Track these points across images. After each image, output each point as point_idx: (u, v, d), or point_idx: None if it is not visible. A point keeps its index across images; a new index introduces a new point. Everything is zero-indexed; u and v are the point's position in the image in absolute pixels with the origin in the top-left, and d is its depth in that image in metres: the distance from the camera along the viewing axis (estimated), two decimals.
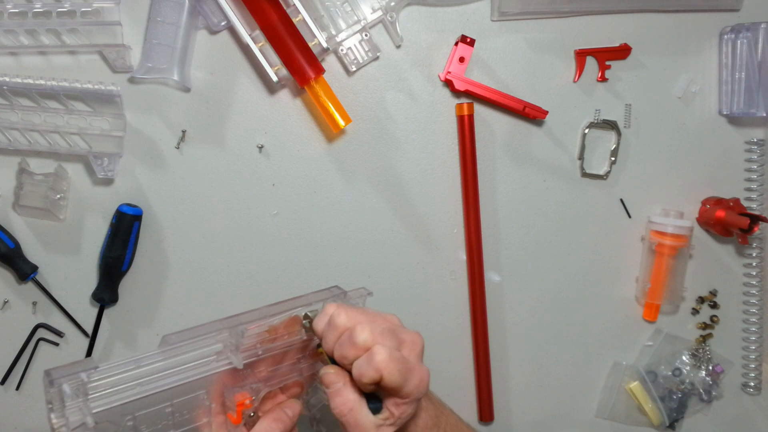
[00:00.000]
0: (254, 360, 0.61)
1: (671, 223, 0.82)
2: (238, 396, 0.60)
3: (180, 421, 0.60)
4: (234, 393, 0.60)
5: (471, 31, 0.80)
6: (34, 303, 0.80)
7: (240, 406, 0.60)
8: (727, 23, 0.83)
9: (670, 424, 0.87)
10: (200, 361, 0.59)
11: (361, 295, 0.66)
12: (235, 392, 0.60)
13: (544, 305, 0.85)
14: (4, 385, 0.81)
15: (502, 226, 0.84)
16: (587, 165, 0.84)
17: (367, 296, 0.66)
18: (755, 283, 0.86)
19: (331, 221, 0.82)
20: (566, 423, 0.88)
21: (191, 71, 0.78)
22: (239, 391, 0.60)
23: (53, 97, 0.75)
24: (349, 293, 0.66)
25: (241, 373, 0.61)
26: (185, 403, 0.60)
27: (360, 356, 0.55)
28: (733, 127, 0.85)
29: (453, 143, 0.82)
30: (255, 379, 0.62)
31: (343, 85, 0.80)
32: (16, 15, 0.73)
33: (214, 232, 0.80)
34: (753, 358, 0.87)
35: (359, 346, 0.55)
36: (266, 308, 0.62)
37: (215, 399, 0.61)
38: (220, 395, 0.61)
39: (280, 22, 0.74)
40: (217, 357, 0.60)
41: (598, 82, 0.83)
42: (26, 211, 0.78)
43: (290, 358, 0.64)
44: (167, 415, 0.59)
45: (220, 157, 0.80)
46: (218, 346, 0.60)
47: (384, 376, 0.54)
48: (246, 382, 0.62)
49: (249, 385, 0.61)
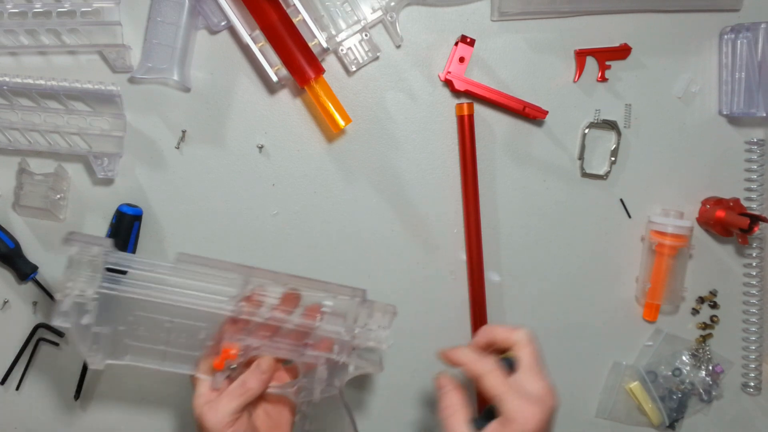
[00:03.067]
0: (259, 322, 0.64)
1: (671, 223, 0.82)
2: (226, 344, 0.63)
3: (175, 341, 0.64)
4: (229, 341, 0.63)
5: (471, 31, 0.80)
6: (34, 303, 0.80)
7: (224, 353, 0.63)
8: (727, 23, 0.83)
9: (670, 424, 0.87)
10: (210, 295, 0.63)
11: (387, 311, 0.67)
12: (232, 340, 0.63)
13: (544, 305, 0.85)
14: (4, 385, 0.81)
15: (502, 226, 0.84)
16: (587, 165, 0.84)
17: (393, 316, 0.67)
18: (755, 283, 0.86)
19: (331, 221, 0.82)
20: (566, 423, 0.87)
21: (191, 71, 0.78)
22: (232, 342, 0.63)
23: (53, 97, 0.75)
24: (375, 304, 0.67)
25: (247, 328, 0.64)
26: (184, 326, 0.63)
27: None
28: (733, 127, 0.85)
29: (453, 143, 0.82)
30: (257, 338, 0.64)
31: (343, 85, 0.80)
32: (16, 15, 0.73)
33: (214, 232, 0.80)
34: (753, 358, 0.87)
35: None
36: (286, 276, 0.65)
37: (214, 338, 0.64)
38: (220, 337, 0.64)
39: (280, 22, 0.74)
40: (228, 300, 0.63)
41: (598, 82, 0.83)
42: (26, 211, 0.78)
43: (294, 339, 0.66)
44: (165, 330, 0.63)
45: (220, 157, 0.80)
46: (232, 290, 0.63)
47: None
48: (248, 337, 0.64)
49: (248, 341, 0.64)
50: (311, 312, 0.65)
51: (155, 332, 0.63)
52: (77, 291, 0.60)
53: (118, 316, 0.62)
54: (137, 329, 0.63)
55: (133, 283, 0.62)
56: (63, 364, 0.81)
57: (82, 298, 0.60)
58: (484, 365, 0.59)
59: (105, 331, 0.62)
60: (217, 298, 0.63)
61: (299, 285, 0.65)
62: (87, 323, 0.60)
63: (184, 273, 0.63)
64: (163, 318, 0.63)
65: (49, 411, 0.82)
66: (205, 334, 0.64)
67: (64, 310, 0.59)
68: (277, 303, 0.64)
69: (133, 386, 0.83)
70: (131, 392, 0.83)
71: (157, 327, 0.63)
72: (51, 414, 0.82)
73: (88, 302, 0.60)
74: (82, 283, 0.60)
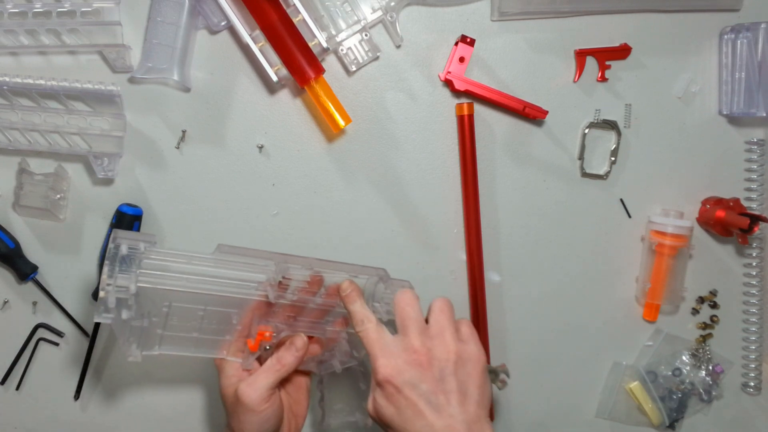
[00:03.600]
0: (287, 303, 0.67)
1: (671, 223, 0.82)
2: (261, 327, 0.66)
3: (207, 328, 0.66)
4: (260, 324, 0.66)
5: (471, 31, 0.80)
6: (34, 303, 0.80)
7: (260, 336, 0.66)
8: (727, 23, 0.83)
9: (670, 424, 0.87)
10: (244, 282, 0.65)
11: (402, 286, 0.71)
12: (261, 323, 0.66)
13: (544, 305, 0.85)
14: (4, 385, 0.81)
15: (502, 226, 0.84)
16: (587, 165, 0.84)
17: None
18: (755, 283, 0.86)
19: (331, 221, 0.82)
20: (566, 423, 0.88)
21: (191, 71, 0.78)
22: (265, 324, 0.66)
23: (53, 97, 0.75)
24: (393, 281, 0.71)
25: (273, 310, 0.67)
26: (217, 314, 0.65)
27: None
28: (733, 127, 0.85)
29: (453, 143, 0.82)
30: (282, 319, 0.67)
31: (343, 85, 0.80)
32: (16, 15, 0.73)
33: (214, 232, 0.80)
34: (753, 358, 0.87)
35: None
36: (315, 260, 0.68)
37: (242, 322, 0.67)
38: (248, 321, 0.67)
39: (280, 22, 0.74)
40: (258, 285, 0.65)
41: (598, 82, 0.83)
42: (26, 211, 0.78)
43: (318, 316, 0.70)
44: (198, 318, 0.65)
45: (220, 157, 0.80)
46: (261, 276, 0.65)
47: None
48: (274, 319, 0.67)
49: (275, 323, 0.67)
50: (332, 292, 0.68)
51: (188, 321, 0.65)
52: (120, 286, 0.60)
53: (152, 308, 0.63)
54: (171, 319, 0.64)
55: (172, 276, 0.62)
56: (63, 364, 0.81)
57: (124, 293, 0.60)
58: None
59: (143, 324, 0.63)
60: (251, 284, 0.65)
61: (324, 268, 0.68)
62: (127, 318, 0.61)
63: (221, 263, 0.65)
64: (197, 307, 0.64)
65: (49, 411, 0.82)
66: (236, 319, 0.66)
67: (109, 306, 0.59)
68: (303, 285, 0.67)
69: (133, 386, 0.83)
70: (131, 392, 0.83)
71: (190, 316, 0.65)
72: (51, 414, 0.82)
73: (130, 297, 0.60)
74: (124, 279, 0.60)
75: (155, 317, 0.63)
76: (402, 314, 0.63)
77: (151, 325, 0.63)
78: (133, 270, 0.61)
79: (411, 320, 0.62)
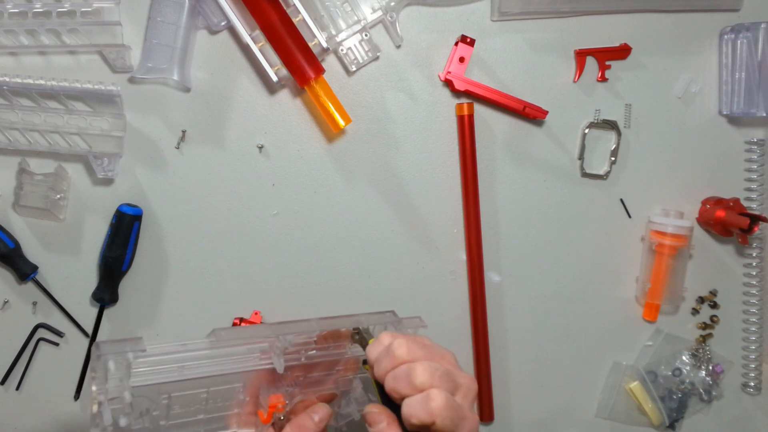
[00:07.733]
0: (294, 365, 0.61)
1: (671, 223, 0.82)
2: (272, 398, 0.60)
3: (212, 407, 0.61)
4: (269, 393, 0.61)
5: (471, 31, 0.80)
6: (34, 303, 0.80)
7: (272, 408, 0.60)
8: (727, 23, 0.83)
9: (670, 424, 0.87)
10: (243, 355, 0.60)
11: (415, 326, 0.65)
12: (270, 392, 0.61)
13: (544, 305, 0.85)
14: (4, 385, 0.81)
15: (502, 226, 0.84)
16: (587, 165, 0.84)
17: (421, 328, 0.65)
18: (755, 283, 0.86)
19: (331, 221, 0.82)
20: (566, 423, 0.88)
21: (191, 71, 0.78)
22: (275, 393, 0.61)
23: (53, 97, 0.75)
24: (403, 321, 0.65)
25: (280, 375, 0.61)
26: (221, 392, 0.60)
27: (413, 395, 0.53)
28: (733, 127, 0.85)
29: (453, 143, 0.82)
30: (292, 382, 0.62)
31: (343, 85, 0.80)
32: (16, 15, 0.73)
33: (214, 232, 0.80)
34: (753, 358, 0.87)
35: (416, 386, 0.53)
36: (317, 321, 0.62)
37: (249, 393, 0.61)
38: (255, 391, 0.61)
39: (280, 22, 0.74)
40: (260, 355, 0.60)
41: (598, 82, 0.83)
42: (26, 211, 0.78)
43: (328, 368, 0.64)
44: (201, 400, 0.60)
45: (220, 157, 0.80)
46: (264, 345, 0.60)
47: (437, 422, 0.52)
48: (282, 384, 0.62)
49: (285, 387, 0.62)
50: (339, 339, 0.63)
51: (192, 406, 0.60)
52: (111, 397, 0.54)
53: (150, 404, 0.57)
54: (173, 409, 0.59)
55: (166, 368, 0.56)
56: (63, 364, 0.81)
57: (119, 403, 0.54)
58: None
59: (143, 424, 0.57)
60: (250, 356, 0.60)
61: (328, 327, 0.62)
62: (126, 424, 0.55)
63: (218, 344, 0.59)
64: (199, 391, 0.59)
65: (49, 411, 0.82)
66: (242, 393, 0.61)
67: (105, 424, 0.53)
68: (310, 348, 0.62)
69: None
70: None
71: (193, 401, 0.59)
72: (51, 414, 0.82)
73: (125, 406, 0.54)
74: (116, 389, 0.54)
75: (156, 411, 0.58)
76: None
77: (153, 419, 0.58)
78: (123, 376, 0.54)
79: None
